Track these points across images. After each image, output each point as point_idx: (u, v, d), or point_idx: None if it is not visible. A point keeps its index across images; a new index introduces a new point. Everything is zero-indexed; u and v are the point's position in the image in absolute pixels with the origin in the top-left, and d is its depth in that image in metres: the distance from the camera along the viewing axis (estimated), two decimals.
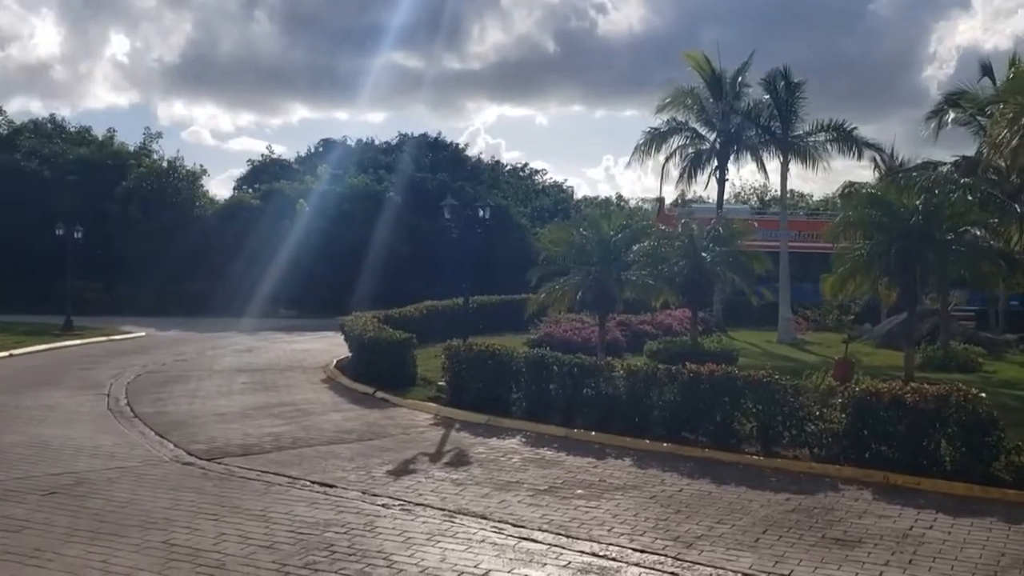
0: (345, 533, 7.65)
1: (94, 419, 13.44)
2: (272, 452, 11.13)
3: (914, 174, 22.20)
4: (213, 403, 14.87)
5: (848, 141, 27.55)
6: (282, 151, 67.44)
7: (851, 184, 34.64)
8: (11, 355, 21.68)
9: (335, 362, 19.13)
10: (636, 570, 6.85)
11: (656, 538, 7.60)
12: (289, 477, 9.75)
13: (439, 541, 7.48)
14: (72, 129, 45.39)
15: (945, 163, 24.73)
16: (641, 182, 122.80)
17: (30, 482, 9.49)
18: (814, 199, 56.28)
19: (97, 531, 7.69)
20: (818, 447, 10.53)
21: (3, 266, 33.39)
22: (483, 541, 7.51)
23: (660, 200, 36.44)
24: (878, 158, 30.42)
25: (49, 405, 14.49)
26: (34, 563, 6.86)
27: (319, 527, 7.82)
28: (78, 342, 24.97)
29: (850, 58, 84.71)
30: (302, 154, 57.24)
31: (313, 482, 9.53)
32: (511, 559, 7.05)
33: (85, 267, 33.56)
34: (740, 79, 28.89)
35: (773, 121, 27.97)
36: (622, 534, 7.72)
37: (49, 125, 45.12)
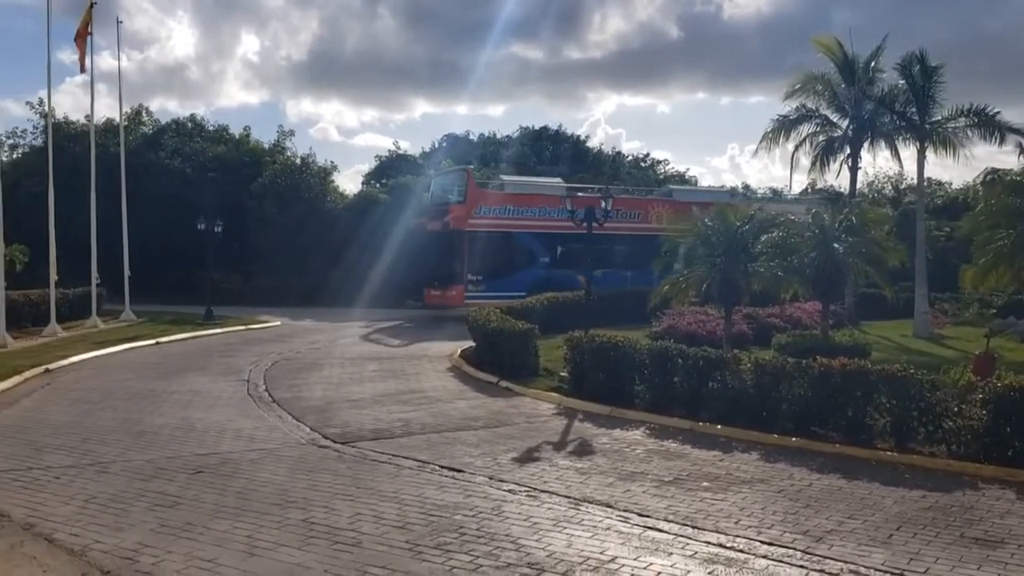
0: (473, 516, 7.86)
1: (235, 403, 14.14)
2: (402, 437, 11.50)
3: None
4: (346, 389, 15.42)
5: (990, 126, 26.13)
6: (405, 146, 69.05)
7: (994, 171, 32.94)
8: (157, 343, 22.98)
9: (459, 351, 19.49)
10: (764, 562, 6.80)
11: (784, 531, 7.52)
12: (419, 461, 10.06)
13: (565, 527, 7.60)
14: (210, 128, 47.51)
15: None
16: (768, 171, 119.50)
17: (179, 461, 10.11)
18: (953, 187, 53.66)
19: (241, 508, 8.16)
20: (956, 444, 10.13)
21: (149, 258, 35.29)
22: (608, 529, 7.59)
23: (467, 170, 32.13)
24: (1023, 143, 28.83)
25: (194, 390, 15.31)
26: (187, 536, 7.34)
27: (448, 510, 8.06)
28: (218, 331, 26.21)
29: (995, 37, 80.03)
30: (426, 149, 58.50)
31: (442, 466, 9.82)
32: (637, 547, 7.11)
33: (223, 259, 35.20)
34: (873, 64, 27.79)
35: (909, 107, 26.76)
36: (749, 526, 7.67)
37: (190, 124, 47.36)
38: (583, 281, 29.62)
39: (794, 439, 11.08)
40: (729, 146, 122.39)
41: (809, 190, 45.56)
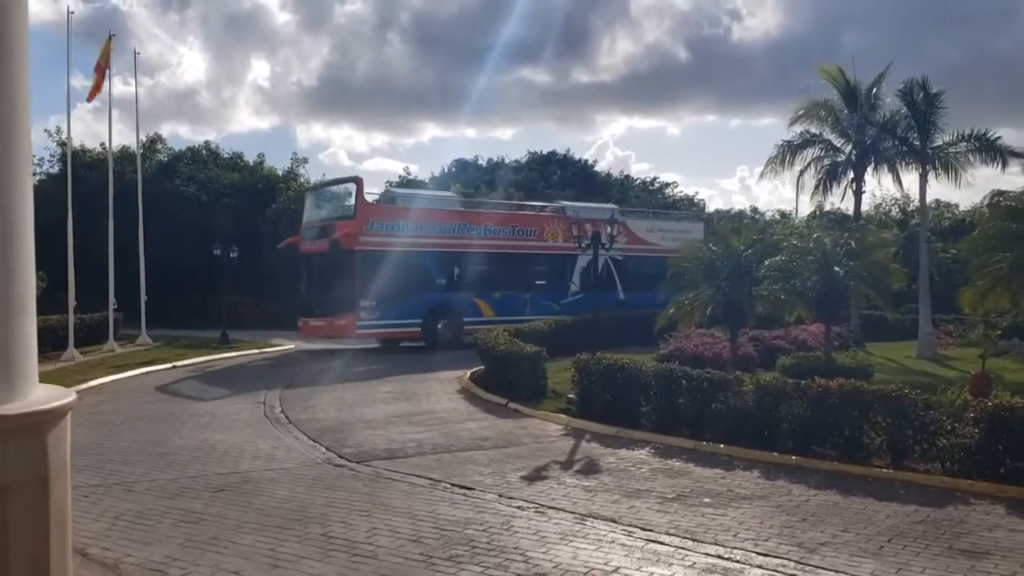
0: (484, 531, 8.25)
1: (253, 425, 14.58)
2: (415, 456, 11.89)
3: None
4: (359, 411, 15.83)
5: (991, 151, 26.55)
6: (414, 169, 69.89)
7: (1000, 192, 33.27)
8: (174, 366, 23.46)
9: (469, 374, 19.88)
10: (759, 572, 7.17)
11: (780, 543, 7.88)
12: (431, 479, 10.46)
13: (571, 541, 7.98)
14: (225, 155, 48.30)
15: None
16: (778, 192, 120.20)
17: (202, 480, 10.54)
18: (961, 208, 53.96)
19: (263, 523, 8.56)
20: (950, 461, 10.48)
21: (165, 283, 35.86)
22: (613, 542, 7.96)
23: (357, 181, 27.58)
24: None
25: (212, 412, 15.76)
26: (213, 549, 7.75)
27: (460, 525, 8.45)
28: (233, 354, 26.68)
29: (1005, 58, 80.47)
30: (435, 174, 59.28)
31: (453, 484, 10.21)
32: (639, 558, 7.48)
33: (237, 283, 35.75)
34: (875, 90, 28.28)
35: (911, 132, 27.27)
36: (747, 539, 8.04)
37: (204, 152, 48.17)
38: (483, 307, 28.09)
39: (794, 457, 11.43)
40: (739, 168, 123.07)
41: (817, 213, 45.97)
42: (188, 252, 37.81)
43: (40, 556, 3.94)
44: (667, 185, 67.77)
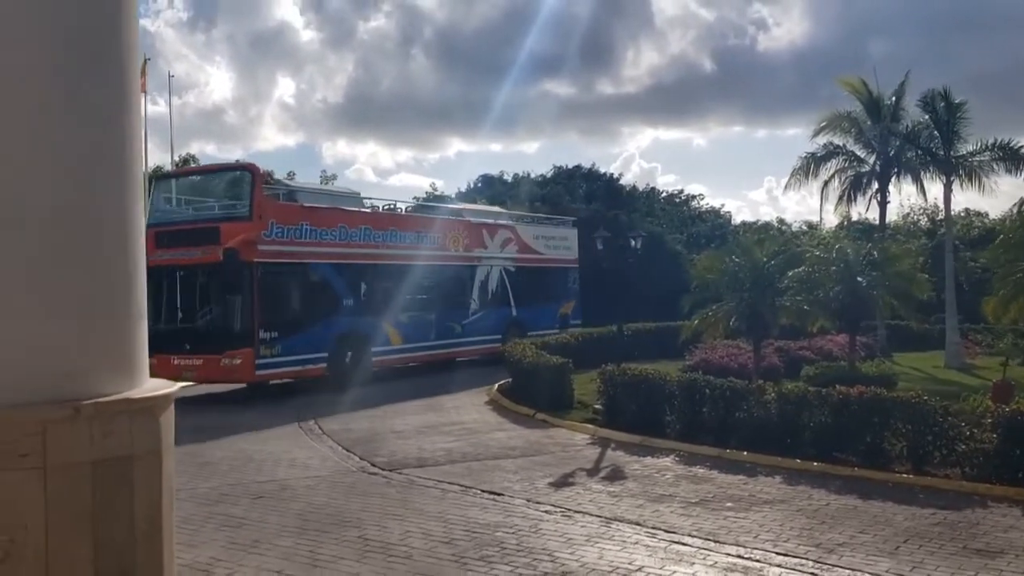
0: (513, 533, 8.59)
1: (287, 436, 15.01)
2: (445, 465, 12.26)
3: None
4: (390, 422, 16.22)
5: (1015, 159, 26.67)
6: (440, 184, 70.46)
7: None
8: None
9: (497, 386, 20.21)
10: (778, 570, 7.46)
11: (799, 544, 8.16)
12: (461, 486, 10.82)
13: (597, 542, 8.30)
14: None
15: None
16: (806, 203, 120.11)
17: (241, 488, 10.95)
18: (991, 217, 53.65)
19: (302, 528, 8.94)
20: (969, 466, 10.68)
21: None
22: (637, 543, 8.28)
23: (252, 169, 20.76)
24: None
25: (245, 424, 16.19)
26: (256, 551, 8.15)
27: (490, 528, 8.80)
28: None
29: None
30: (462, 189, 59.92)
31: (483, 491, 10.55)
32: (662, 558, 7.80)
33: None
34: (895, 99, 28.44)
35: (934, 142, 27.45)
36: (767, 540, 8.32)
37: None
38: (391, 333, 22.73)
39: (816, 464, 11.66)
40: (766, 179, 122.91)
41: (844, 223, 46.02)
42: None
43: (156, 516, 4.87)
44: (693, 197, 67.94)
